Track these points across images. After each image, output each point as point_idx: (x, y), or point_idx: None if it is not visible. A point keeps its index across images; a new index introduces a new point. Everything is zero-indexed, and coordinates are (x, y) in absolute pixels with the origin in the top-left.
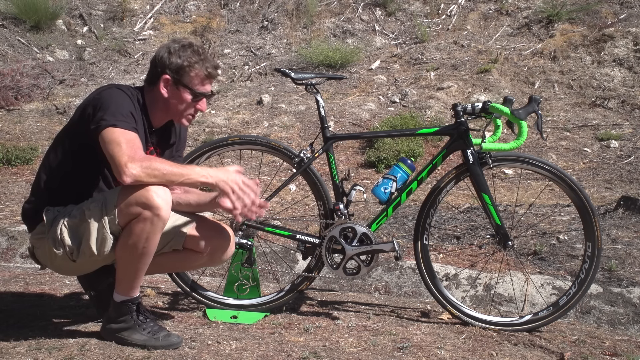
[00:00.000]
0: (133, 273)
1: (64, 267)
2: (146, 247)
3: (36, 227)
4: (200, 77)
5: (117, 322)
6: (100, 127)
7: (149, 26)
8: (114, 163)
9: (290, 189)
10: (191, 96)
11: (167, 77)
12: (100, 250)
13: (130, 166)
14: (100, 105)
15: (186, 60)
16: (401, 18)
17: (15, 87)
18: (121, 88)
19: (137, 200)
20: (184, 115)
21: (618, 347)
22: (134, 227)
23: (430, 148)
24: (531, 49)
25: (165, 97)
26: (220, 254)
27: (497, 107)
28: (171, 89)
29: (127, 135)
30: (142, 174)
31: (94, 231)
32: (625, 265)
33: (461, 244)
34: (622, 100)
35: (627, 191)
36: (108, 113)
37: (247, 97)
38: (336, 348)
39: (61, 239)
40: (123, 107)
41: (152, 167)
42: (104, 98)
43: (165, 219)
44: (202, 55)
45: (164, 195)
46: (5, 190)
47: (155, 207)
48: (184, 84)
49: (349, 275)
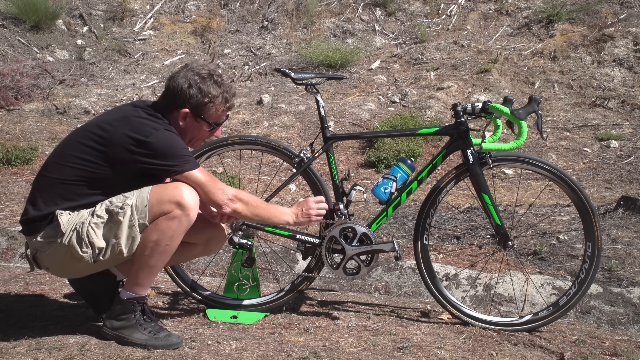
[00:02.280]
0: (148, 270)
1: (74, 269)
2: (169, 244)
3: (43, 231)
4: (219, 111)
5: (118, 319)
6: (177, 171)
7: (149, 26)
8: (211, 200)
9: (290, 189)
10: (209, 128)
11: (187, 110)
12: (130, 249)
13: (231, 205)
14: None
15: (207, 97)
16: (401, 18)
17: (15, 87)
18: (168, 129)
19: (170, 199)
20: (197, 142)
21: (618, 347)
22: (162, 223)
23: (430, 148)
24: (531, 49)
25: (183, 127)
26: (215, 243)
27: (497, 107)
28: (189, 121)
29: (204, 174)
30: (247, 212)
31: (124, 230)
32: (625, 265)
33: (461, 244)
34: (622, 100)
35: (627, 191)
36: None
37: (247, 97)
38: (336, 348)
39: (90, 240)
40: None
41: (250, 203)
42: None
43: (192, 220)
44: (222, 86)
45: (195, 197)
46: (5, 190)
47: (187, 207)
48: (203, 118)
49: (349, 275)
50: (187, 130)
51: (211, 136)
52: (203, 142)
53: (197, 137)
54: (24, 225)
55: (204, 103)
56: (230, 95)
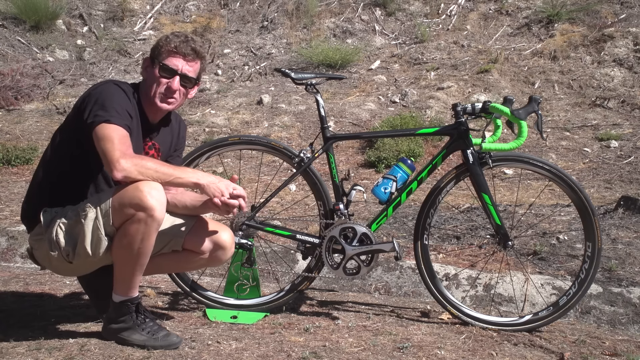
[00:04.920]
0: (130, 273)
1: (61, 268)
2: (142, 247)
3: (34, 228)
4: (168, 50)
5: (117, 322)
6: (94, 122)
7: (149, 26)
8: (105, 158)
9: (290, 189)
10: (160, 72)
11: (147, 57)
12: (95, 251)
13: (122, 162)
14: (95, 100)
15: (163, 39)
16: (401, 18)
17: (15, 87)
18: (117, 84)
19: (130, 202)
20: (156, 95)
21: (618, 347)
22: (129, 227)
23: (430, 148)
24: (531, 49)
25: (144, 80)
26: (220, 255)
27: (497, 107)
28: (148, 70)
29: (119, 132)
30: (134, 170)
31: (88, 232)
32: (625, 265)
33: (461, 244)
34: (622, 100)
35: (627, 191)
36: (103, 108)
37: (247, 97)
38: (336, 348)
39: (56, 240)
40: (118, 103)
41: (143, 164)
42: (99, 93)
43: (160, 219)
44: (183, 37)
45: (157, 196)
46: (5, 190)
47: (149, 208)
48: (155, 59)
49: (349, 275)
50: (147, 82)
51: (170, 88)
52: (168, 99)
53: (155, 89)
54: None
55: (158, 45)
56: (181, 39)
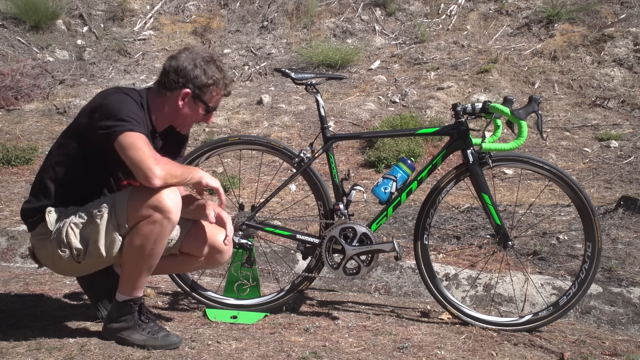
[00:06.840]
0: (138, 274)
1: (66, 268)
2: (154, 249)
3: (37, 228)
4: (220, 95)
5: (118, 321)
6: (115, 132)
7: (149, 26)
8: (138, 167)
9: (290, 189)
10: (205, 112)
11: (188, 91)
12: (108, 252)
13: (158, 169)
14: (110, 111)
15: (211, 79)
16: (401, 18)
17: (15, 87)
18: (127, 92)
19: (148, 203)
20: (189, 125)
21: (618, 347)
22: (143, 228)
23: (430, 148)
24: (531, 49)
25: (179, 108)
26: (218, 258)
27: (497, 107)
28: (188, 101)
29: (145, 140)
30: (168, 175)
31: (102, 233)
32: (625, 265)
33: (461, 244)
34: (622, 100)
35: (627, 191)
36: (121, 117)
37: (247, 97)
38: (336, 348)
39: (67, 241)
40: (134, 111)
41: (171, 168)
42: (112, 103)
43: (175, 222)
44: (222, 72)
45: (175, 199)
46: (5, 190)
47: (166, 210)
48: (203, 101)
49: (349, 275)
50: (182, 111)
51: (203, 121)
52: (190, 127)
53: (190, 120)
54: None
55: (206, 85)
56: (229, 82)
